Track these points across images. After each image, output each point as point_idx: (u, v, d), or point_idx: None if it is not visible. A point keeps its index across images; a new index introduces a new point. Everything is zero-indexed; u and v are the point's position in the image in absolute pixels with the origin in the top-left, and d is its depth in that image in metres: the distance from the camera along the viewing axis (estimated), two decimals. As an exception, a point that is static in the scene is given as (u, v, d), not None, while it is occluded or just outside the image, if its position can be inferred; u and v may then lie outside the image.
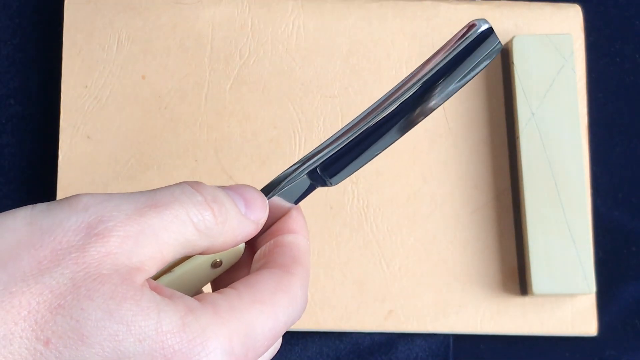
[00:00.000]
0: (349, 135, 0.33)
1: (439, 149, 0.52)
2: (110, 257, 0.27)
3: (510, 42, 0.52)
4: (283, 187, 0.34)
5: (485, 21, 0.32)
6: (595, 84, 0.55)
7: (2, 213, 0.28)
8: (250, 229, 0.32)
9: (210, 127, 0.52)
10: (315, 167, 0.33)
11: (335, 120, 0.52)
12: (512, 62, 0.51)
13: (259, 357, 0.30)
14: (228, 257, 0.33)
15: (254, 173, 0.52)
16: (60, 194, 0.51)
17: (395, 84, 0.33)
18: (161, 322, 0.27)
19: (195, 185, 0.30)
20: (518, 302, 0.51)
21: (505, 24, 0.54)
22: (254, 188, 0.33)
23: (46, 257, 0.27)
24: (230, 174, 0.52)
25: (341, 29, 0.53)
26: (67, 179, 0.51)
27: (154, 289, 0.28)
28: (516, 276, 0.51)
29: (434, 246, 0.51)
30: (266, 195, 0.33)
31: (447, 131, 0.53)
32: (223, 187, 0.32)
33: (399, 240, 0.51)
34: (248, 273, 0.34)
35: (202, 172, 0.52)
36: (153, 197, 0.29)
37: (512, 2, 0.54)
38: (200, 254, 0.31)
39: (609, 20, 0.56)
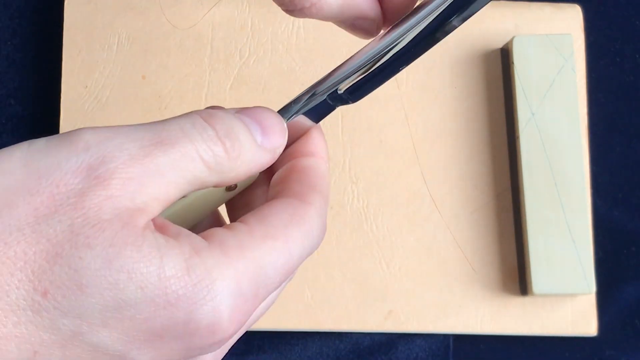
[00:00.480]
0: (375, 61, 0.32)
1: (439, 149, 0.52)
2: (111, 200, 0.26)
3: (510, 42, 0.52)
4: (302, 108, 0.32)
5: None
6: (595, 84, 0.55)
7: (10, 149, 0.27)
8: (266, 159, 0.30)
9: (210, 127, 0.52)
10: (336, 89, 0.32)
11: (335, 120, 0.52)
12: (512, 62, 0.51)
13: (271, 293, 0.28)
14: (243, 180, 0.30)
15: (254, 173, 0.52)
16: (60, 194, 0.51)
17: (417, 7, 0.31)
18: (164, 267, 0.26)
19: (207, 116, 0.29)
20: (518, 302, 0.51)
21: (505, 24, 0.54)
22: (273, 111, 0.31)
23: (43, 203, 0.25)
24: (230, 174, 0.52)
25: (341, 29, 0.53)
26: (67, 179, 0.51)
27: (159, 228, 0.27)
28: (516, 276, 0.51)
29: (434, 246, 0.51)
30: (284, 117, 0.31)
31: (447, 131, 0.53)
32: (239, 112, 0.30)
33: (399, 240, 0.51)
34: (264, 193, 0.32)
35: (202, 172, 0.52)
36: (160, 133, 0.27)
37: (512, 2, 0.54)
38: (211, 186, 0.29)
39: (609, 20, 0.56)
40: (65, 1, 0.53)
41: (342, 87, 0.32)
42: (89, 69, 0.52)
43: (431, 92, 0.53)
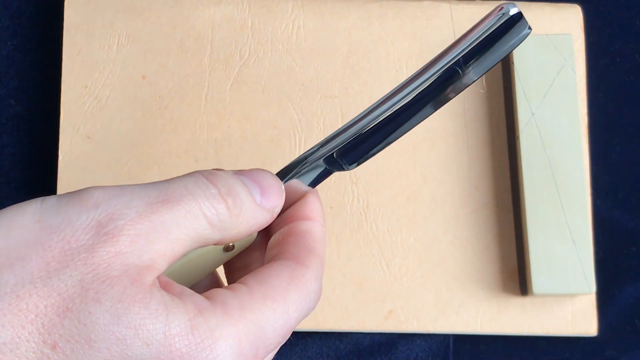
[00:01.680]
0: (370, 121, 0.32)
1: (439, 149, 0.52)
2: (119, 257, 0.27)
3: (510, 42, 0.52)
4: (299, 172, 0.33)
5: (513, 4, 0.31)
6: (595, 84, 0.55)
7: (11, 208, 0.27)
8: (265, 218, 0.31)
9: (210, 127, 0.52)
10: (333, 153, 0.33)
11: (335, 120, 0.52)
12: (512, 62, 0.51)
13: (270, 353, 0.29)
14: (241, 241, 0.32)
15: (254, 173, 0.52)
16: (60, 194, 0.51)
17: (419, 69, 0.32)
18: (169, 324, 0.26)
19: (209, 176, 0.29)
20: (518, 302, 0.51)
21: (505, 24, 0.53)
22: (271, 173, 0.32)
23: (55, 257, 0.26)
24: (230, 174, 0.52)
25: (341, 29, 0.54)
26: (67, 179, 0.51)
27: (163, 286, 0.28)
28: (516, 276, 0.51)
29: (434, 246, 0.51)
30: (282, 179, 0.32)
31: (447, 131, 0.53)
32: (238, 173, 0.31)
33: (399, 240, 0.51)
34: (261, 255, 0.33)
35: (202, 172, 0.52)
36: (166, 191, 0.28)
37: (511, 2, 0.54)
38: (214, 244, 0.30)
39: (609, 20, 0.56)
40: (65, 1, 0.53)
41: (338, 152, 0.33)
42: (89, 69, 0.52)
43: (431, 92, 0.53)
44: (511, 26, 0.31)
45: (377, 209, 0.51)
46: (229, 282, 0.34)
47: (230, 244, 0.32)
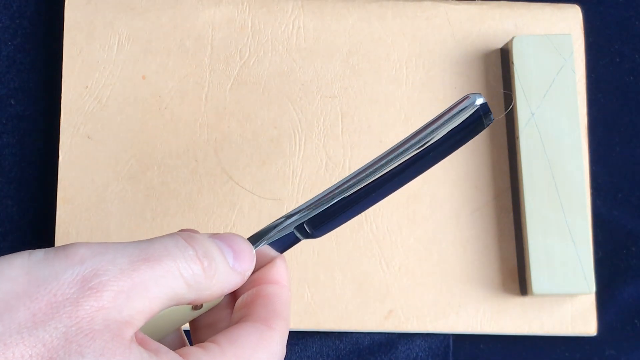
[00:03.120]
0: (340, 196, 0.34)
1: (438, 149, 0.52)
2: (102, 312, 0.28)
3: (510, 42, 0.52)
4: (270, 238, 0.35)
5: (479, 95, 0.33)
6: (595, 84, 0.55)
7: (10, 257, 0.29)
8: (236, 281, 0.33)
9: (210, 127, 0.52)
10: (303, 223, 0.35)
11: (335, 120, 0.52)
12: (512, 62, 0.52)
13: None
14: (213, 299, 0.33)
15: (254, 173, 0.52)
16: (60, 194, 0.51)
17: (386, 150, 0.35)
18: None
19: (187, 238, 0.31)
20: (518, 302, 0.51)
21: (505, 24, 0.54)
22: (243, 238, 0.34)
23: (41, 309, 0.27)
24: (230, 174, 0.52)
25: (341, 29, 0.54)
26: (67, 179, 0.51)
27: (140, 342, 0.29)
28: (516, 276, 0.51)
29: (434, 246, 0.51)
30: (253, 244, 0.34)
31: (447, 131, 0.53)
32: (214, 237, 0.33)
33: (399, 240, 0.51)
34: (228, 315, 0.35)
35: (202, 172, 0.52)
36: (147, 250, 0.30)
37: (512, 2, 0.54)
38: (188, 303, 0.32)
39: (608, 21, 0.56)
40: (66, 1, 0.53)
41: (308, 222, 0.35)
42: (89, 69, 0.52)
43: (431, 92, 0.53)
44: (478, 119, 0.33)
45: (377, 209, 0.52)
46: (194, 339, 0.36)
47: (200, 304, 0.33)
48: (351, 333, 0.52)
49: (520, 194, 0.51)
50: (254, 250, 0.34)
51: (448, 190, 0.52)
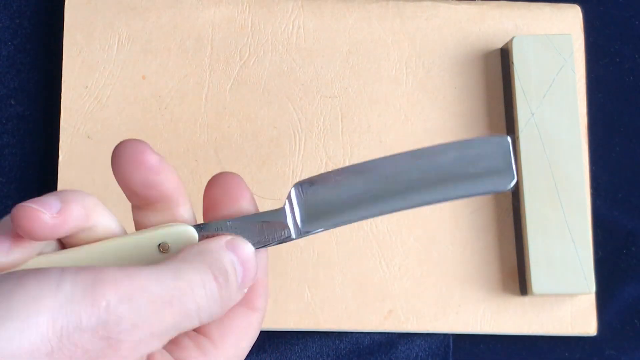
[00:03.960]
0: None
1: (438, 149, 0.52)
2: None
3: (510, 42, 0.52)
4: (269, 243, 0.34)
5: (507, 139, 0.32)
6: (595, 84, 0.55)
7: (27, 294, 0.28)
8: (238, 299, 0.32)
9: (210, 127, 0.52)
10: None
11: (335, 120, 0.52)
12: (512, 62, 0.52)
13: None
14: (177, 242, 0.32)
15: (254, 173, 0.52)
16: (60, 194, 0.51)
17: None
18: None
19: (212, 261, 0.31)
20: (518, 302, 0.51)
21: (505, 24, 0.54)
22: (252, 250, 0.33)
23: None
24: (230, 174, 0.52)
25: (341, 29, 0.54)
26: (67, 179, 0.51)
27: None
28: (516, 276, 0.51)
29: (434, 246, 0.51)
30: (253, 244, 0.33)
31: (447, 131, 0.53)
32: (229, 247, 0.32)
33: (399, 240, 0.51)
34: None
35: (202, 172, 0.52)
36: (173, 292, 0.29)
37: (512, 2, 0.54)
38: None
39: (608, 21, 0.56)
40: (66, 1, 0.53)
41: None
42: (89, 69, 0.52)
43: (431, 92, 0.53)
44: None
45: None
46: None
47: (167, 244, 0.33)
48: (351, 333, 0.52)
49: (520, 194, 0.51)
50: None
51: (448, 190, 0.52)
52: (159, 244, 0.32)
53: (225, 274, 0.31)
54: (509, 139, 0.32)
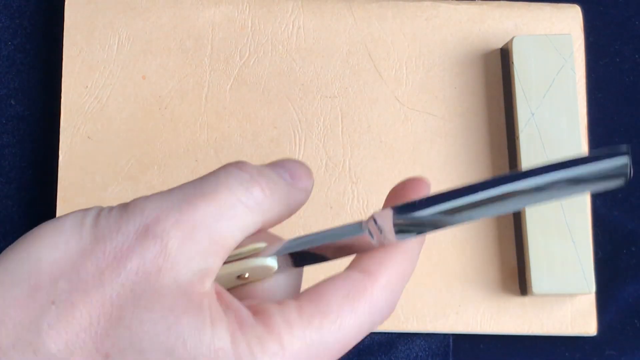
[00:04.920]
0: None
1: (438, 149, 0.52)
2: (169, 263, 0.27)
3: (510, 42, 0.52)
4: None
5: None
6: (595, 84, 0.55)
7: (69, 216, 0.28)
8: (300, 197, 0.31)
9: (210, 127, 0.52)
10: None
11: (335, 120, 0.52)
12: (512, 62, 0.52)
13: None
14: (255, 273, 0.31)
15: (254, 173, 0.52)
16: (60, 194, 0.51)
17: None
18: (214, 338, 0.26)
19: (239, 164, 0.30)
20: (518, 302, 0.51)
21: (505, 24, 0.54)
22: (295, 160, 0.32)
23: (108, 265, 0.26)
24: (230, 174, 0.52)
25: (341, 29, 0.54)
26: (67, 179, 0.51)
27: (216, 293, 0.28)
28: (516, 276, 0.51)
29: (434, 246, 0.51)
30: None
31: (447, 131, 0.53)
32: (266, 164, 0.31)
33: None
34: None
35: (202, 172, 0.51)
36: (201, 187, 0.28)
37: (512, 2, 0.54)
38: (260, 229, 0.30)
39: (608, 21, 0.56)
40: (66, 1, 0.53)
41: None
42: (89, 69, 0.52)
43: (431, 92, 0.53)
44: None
45: (377, 209, 0.51)
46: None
47: (246, 274, 0.31)
48: (351, 333, 0.52)
49: (520, 194, 0.51)
50: (310, 170, 0.32)
51: (448, 190, 0.52)
52: (239, 275, 0.31)
53: (262, 173, 0.29)
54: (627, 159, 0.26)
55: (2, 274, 0.27)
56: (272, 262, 0.30)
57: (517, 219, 0.52)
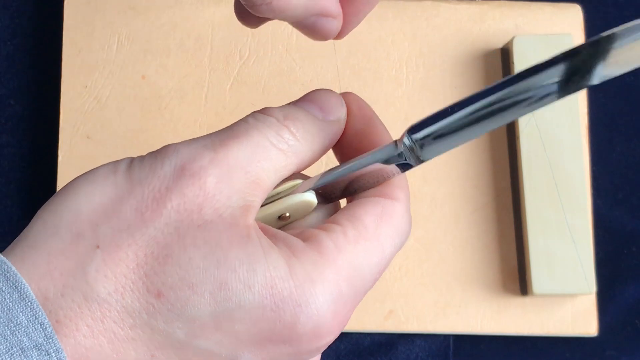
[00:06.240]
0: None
1: (439, 149, 0.52)
2: (209, 200, 0.27)
3: (511, 42, 0.52)
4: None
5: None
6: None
7: (102, 167, 0.28)
8: (333, 130, 0.31)
9: (210, 127, 0.52)
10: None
11: (335, 120, 0.52)
12: (512, 62, 0.51)
13: (367, 292, 0.29)
14: (297, 210, 0.31)
15: (254, 173, 0.52)
16: (60, 194, 0.51)
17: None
18: (269, 266, 0.26)
19: (266, 109, 0.30)
20: (518, 302, 0.51)
21: (505, 24, 0.54)
22: (324, 89, 0.32)
23: (148, 207, 0.26)
24: (230, 174, 0.52)
25: (341, 29, 0.53)
26: (67, 179, 0.51)
27: (260, 228, 0.28)
28: (516, 276, 0.51)
29: (434, 246, 0.51)
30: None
31: (447, 131, 0.53)
32: (292, 102, 0.31)
33: (399, 240, 0.51)
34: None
35: (202, 172, 0.52)
36: (231, 131, 0.29)
37: (512, 2, 0.54)
38: (295, 171, 0.30)
39: (609, 20, 0.56)
40: (65, 1, 0.53)
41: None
42: (89, 69, 0.52)
43: (431, 92, 0.53)
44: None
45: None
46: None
47: (287, 214, 0.31)
48: (351, 333, 0.52)
49: (520, 194, 0.51)
50: (341, 97, 0.31)
51: (448, 190, 0.52)
52: (281, 215, 0.31)
53: (289, 114, 0.30)
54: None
55: (42, 227, 0.27)
56: (311, 197, 0.30)
57: (518, 219, 0.52)
